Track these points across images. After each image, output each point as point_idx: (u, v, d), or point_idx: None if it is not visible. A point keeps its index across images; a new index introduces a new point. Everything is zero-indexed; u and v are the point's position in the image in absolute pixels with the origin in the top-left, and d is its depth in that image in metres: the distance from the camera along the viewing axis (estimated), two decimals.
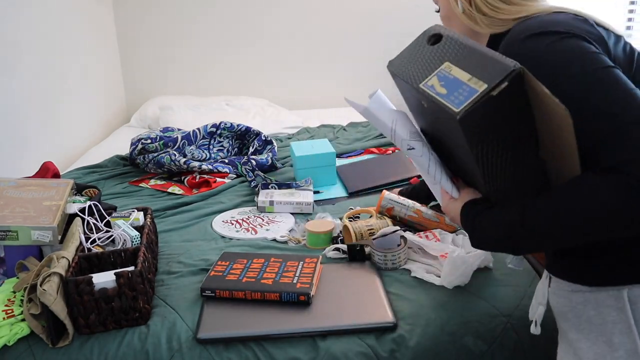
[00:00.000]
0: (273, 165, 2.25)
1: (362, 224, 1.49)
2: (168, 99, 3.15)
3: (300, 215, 1.76)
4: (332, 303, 1.23)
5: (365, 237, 1.46)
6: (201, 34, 3.28)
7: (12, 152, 2.12)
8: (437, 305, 1.21)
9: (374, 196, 1.88)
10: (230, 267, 1.35)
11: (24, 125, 2.22)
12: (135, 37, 3.28)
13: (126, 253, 1.30)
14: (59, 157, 2.49)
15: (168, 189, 2.05)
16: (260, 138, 2.38)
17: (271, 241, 1.59)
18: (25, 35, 2.26)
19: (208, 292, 1.26)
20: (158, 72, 3.34)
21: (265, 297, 1.24)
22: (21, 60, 2.22)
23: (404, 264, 1.37)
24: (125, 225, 1.40)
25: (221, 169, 2.16)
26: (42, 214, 1.34)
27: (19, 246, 1.31)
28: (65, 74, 2.60)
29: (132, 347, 1.14)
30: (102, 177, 2.20)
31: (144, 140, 2.23)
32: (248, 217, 1.76)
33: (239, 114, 2.96)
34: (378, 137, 2.59)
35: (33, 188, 1.45)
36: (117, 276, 1.16)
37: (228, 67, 3.34)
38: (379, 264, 1.37)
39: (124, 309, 1.17)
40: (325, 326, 1.15)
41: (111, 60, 3.21)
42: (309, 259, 1.38)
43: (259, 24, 3.27)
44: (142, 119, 3.06)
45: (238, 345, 1.13)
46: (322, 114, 3.20)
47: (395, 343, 1.13)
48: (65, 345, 1.14)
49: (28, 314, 1.14)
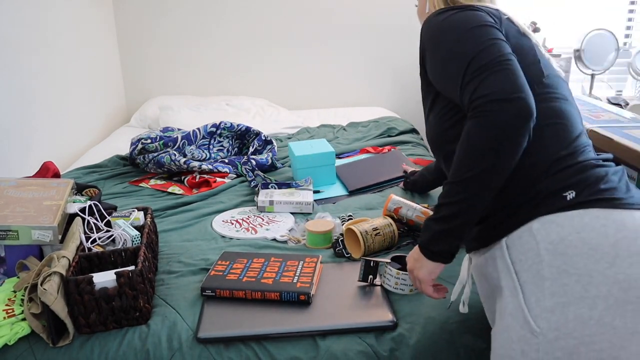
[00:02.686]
0: (273, 165, 2.25)
1: (366, 226, 1.47)
2: (168, 99, 3.15)
3: (300, 215, 1.76)
4: (332, 302, 1.23)
5: (372, 237, 1.44)
6: (201, 34, 3.28)
7: (12, 152, 2.12)
8: (436, 304, 1.22)
9: (374, 196, 1.88)
10: (231, 267, 1.35)
11: (24, 125, 2.22)
12: (135, 37, 3.28)
13: (126, 253, 1.30)
14: (59, 157, 2.50)
15: (168, 189, 2.05)
16: (260, 138, 2.38)
17: (271, 241, 1.59)
18: (25, 35, 2.26)
19: (208, 292, 1.26)
20: (158, 72, 3.34)
21: (266, 296, 1.24)
22: (21, 60, 2.22)
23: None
24: (126, 225, 1.41)
25: (221, 168, 2.17)
26: (42, 213, 1.34)
27: (20, 246, 1.32)
28: (66, 73, 2.61)
29: (132, 346, 1.14)
30: (102, 177, 2.20)
31: (144, 140, 2.24)
32: (248, 216, 1.76)
33: (239, 114, 2.96)
34: (378, 137, 2.60)
35: (33, 188, 1.45)
36: (117, 276, 1.16)
37: (228, 67, 3.34)
38: (390, 286, 1.27)
39: (125, 308, 1.18)
40: (326, 325, 1.16)
41: (111, 60, 3.21)
42: (309, 259, 1.38)
43: (259, 24, 3.27)
44: (142, 119, 3.06)
45: (238, 344, 1.14)
46: (322, 114, 3.20)
47: (395, 342, 1.13)
48: (66, 344, 1.14)
49: (29, 313, 1.14)
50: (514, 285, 0.93)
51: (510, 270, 0.94)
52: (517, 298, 0.92)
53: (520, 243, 0.93)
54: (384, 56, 3.36)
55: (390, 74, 3.40)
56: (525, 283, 0.91)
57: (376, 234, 1.45)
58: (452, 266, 1.37)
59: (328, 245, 1.53)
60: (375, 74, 3.39)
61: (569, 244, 0.88)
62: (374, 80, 3.40)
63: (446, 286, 1.28)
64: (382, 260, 1.29)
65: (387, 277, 1.27)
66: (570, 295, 0.87)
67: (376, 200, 1.85)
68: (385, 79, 3.41)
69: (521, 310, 0.90)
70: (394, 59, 3.36)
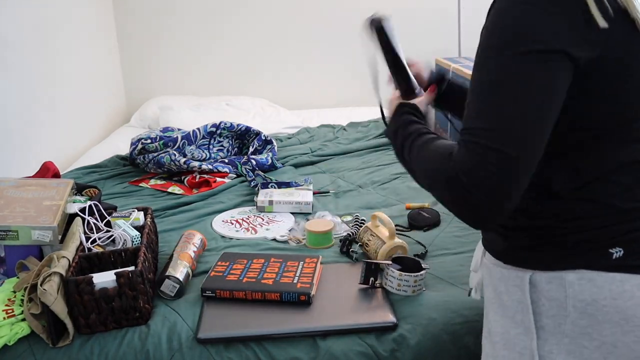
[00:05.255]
0: (273, 165, 2.24)
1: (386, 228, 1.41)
2: (168, 99, 3.15)
3: (300, 215, 1.76)
4: (333, 303, 1.23)
5: (393, 236, 1.38)
6: (202, 34, 3.27)
7: (12, 152, 2.12)
8: (437, 304, 1.21)
9: (374, 196, 1.88)
10: (231, 268, 1.35)
11: (24, 125, 2.21)
12: (135, 37, 3.27)
13: (126, 253, 1.30)
14: (59, 157, 2.49)
15: (168, 189, 2.05)
16: (260, 138, 2.38)
17: (271, 241, 1.59)
18: (25, 35, 2.26)
19: (208, 293, 1.26)
20: (158, 72, 3.34)
21: (266, 297, 1.24)
22: (21, 60, 2.22)
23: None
24: (126, 225, 1.40)
25: (221, 168, 2.16)
26: (42, 213, 1.34)
27: (19, 246, 1.31)
28: (66, 73, 2.60)
29: (132, 346, 1.14)
30: (102, 177, 2.20)
31: (144, 140, 2.23)
32: (248, 216, 1.76)
33: (239, 114, 2.96)
34: (378, 137, 2.59)
35: (33, 188, 1.45)
36: (117, 276, 1.16)
37: (228, 67, 3.34)
38: (394, 288, 1.26)
39: (125, 308, 1.17)
40: (326, 326, 1.15)
41: (111, 60, 3.21)
42: (309, 259, 1.38)
43: (259, 24, 3.27)
44: (142, 119, 3.06)
45: (238, 345, 1.13)
46: (322, 114, 3.19)
47: (395, 343, 1.13)
48: (66, 344, 1.14)
49: (28, 313, 1.14)
50: (529, 326, 0.86)
51: (529, 309, 0.85)
52: (530, 340, 0.85)
53: (547, 289, 0.83)
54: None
55: None
56: (543, 330, 0.84)
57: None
58: (458, 268, 1.37)
59: (328, 245, 1.52)
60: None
61: (600, 308, 0.80)
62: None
63: (448, 282, 1.28)
64: (383, 262, 1.29)
65: (389, 278, 1.26)
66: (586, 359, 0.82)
67: (376, 200, 1.85)
68: (386, 79, 3.40)
69: (531, 355, 0.85)
70: None
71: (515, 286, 0.87)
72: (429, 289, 1.28)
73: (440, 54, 3.15)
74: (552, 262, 0.83)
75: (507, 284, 0.88)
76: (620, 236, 0.80)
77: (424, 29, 3.27)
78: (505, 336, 0.89)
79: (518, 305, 0.86)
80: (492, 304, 0.94)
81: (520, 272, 0.86)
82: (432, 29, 3.24)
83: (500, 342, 0.90)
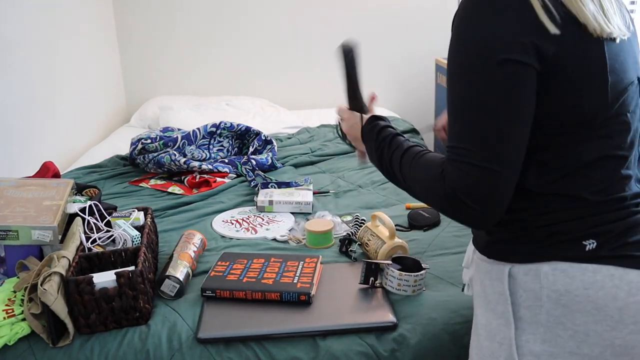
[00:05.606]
0: (273, 165, 2.25)
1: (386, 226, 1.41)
2: (168, 99, 3.15)
3: (300, 215, 1.76)
4: (333, 303, 1.23)
5: (393, 235, 1.39)
6: (201, 34, 3.28)
7: (12, 152, 2.12)
8: (437, 304, 1.21)
9: (374, 196, 1.88)
10: (231, 267, 1.35)
11: (24, 125, 2.22)
12: (135, 37, 3.28)
13: (126, 253, 1.30)
14: (59, 157, 2.49)
15: (168, 189, 2.05)
16: (260, 138, 2.38)
17: (271, 240, 1.59)
18: (25, 35, 2.26)
19: (208, 292, 1.26)
20: (158, 72, 3.34)
21: (266, 297, 1.24)
22: (21, 60, 2.22)
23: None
24: (126, 225, 1.40)
25: (221, 168, 2.17)
26: (42, 213, 1.34)
27: (20, 246, 1.31)
28: (66, 73, 2.60)
29: (132, 346, 1.14)
30: (102, 177, 2.20)
31: (144, 140, 2.23)
32: (248, 216, 1.76)
33: (239, 114, 2.96)
34: None
35: (33, 188, 1.45)
36: (117, 276, 1.16)
37: (228, 67, 3.34)
38: (394, 288, 1.26)
39: (125, 308, 1.17)
40: (326, 326, 1.16)
41: (111, 60, 3.21)
42: (309, 259, 1.38)
43: (259, 24, 3.27)
44: (142, 119, 3.06)
45: (238, 344, 1.13)
46: (322, 114, 3.19)
47: (396, 342, 1.13)
48: (66, 344, 1.14)
49: (28, 313, 1.14)
50: (508, 317, 0.89)
51: (507, 300, 0.89)
52: (509, 329, 0.89)
53: (524, 280, 0.87)
54: (384, 56, 3.35)
55: (391, 75, 3.39)
56: (520, 320, 0.88)
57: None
58: (458, 268, 1.37)
59: (328, 245, 1.52)
60: (376, 74, 3.39)
61: (573, 298, 0.83)
62: (374, 81, 3.39)
63: (448, 281, 1.28)
64: (382, 261, 1.29)
65: (389, 278, 1.27)
66: (561, 348, 0.85)
67: (376, 200, 1.85)
68: (385, 79, 3.41)
69: (509, 345, 0.88)
70: (394, 59, 3.36)
71: (497, 279, 0.91)
72: (429, 289, 1.28)
73: (440, 54, 3.16)
74: (529, 254, 0.87)
75: (491, 278, 0.92)
76: (593, 228, 0.84)
77: (424, 29, 3.28)
78: (488, 327, 0.93)
79: (499, 298, 0.90)
80: (478, 298, 0.97)
81: (501, 266, 0.90)
82: (432, 29, 3.24)
83: (484, 333, 0.94)
